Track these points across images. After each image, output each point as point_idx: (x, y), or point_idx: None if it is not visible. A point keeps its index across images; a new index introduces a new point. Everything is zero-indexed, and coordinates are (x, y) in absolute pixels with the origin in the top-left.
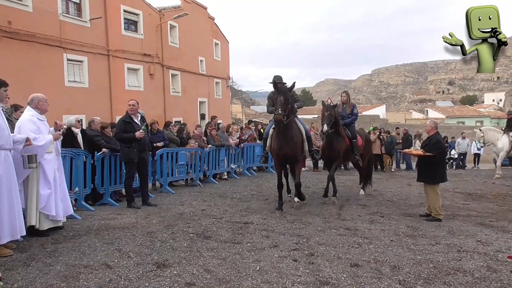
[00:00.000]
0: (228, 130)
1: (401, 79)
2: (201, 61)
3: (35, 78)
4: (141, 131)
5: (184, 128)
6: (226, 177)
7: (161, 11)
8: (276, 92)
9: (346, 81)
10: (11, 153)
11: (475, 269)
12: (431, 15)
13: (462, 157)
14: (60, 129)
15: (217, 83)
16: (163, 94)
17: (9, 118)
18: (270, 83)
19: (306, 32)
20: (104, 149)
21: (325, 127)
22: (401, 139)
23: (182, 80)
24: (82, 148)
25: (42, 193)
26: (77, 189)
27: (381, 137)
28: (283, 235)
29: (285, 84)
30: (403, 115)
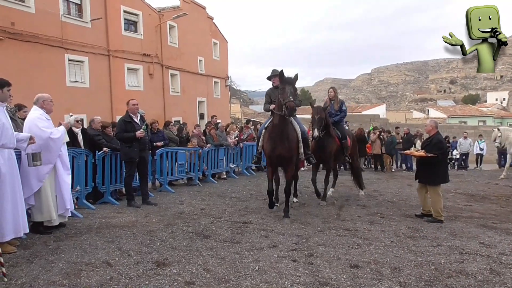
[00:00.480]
0: (227, 129)
1: (402, 78)
2: (200, 61)
3: (37, 78)
4: (142, 130)
5: (184, 128)
6: (225, 176)
7: (160, 11)
8: (282, 83)
9: (345, 80)
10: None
11: (478, 272)
12: (431, 14)
13: (464, 157)
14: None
15: (216, 82)
16: (163, 93)
17: (13, 117)
18: (269, 77)
19: (306, 32)
20: (105, 148)
21: (316, 132)
22: (401, 139)
23: (181, 80)
24: (82, 147)
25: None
26: (78, 187)
27: (381, 137)
28: (282, 235)
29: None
30: (403, 115)
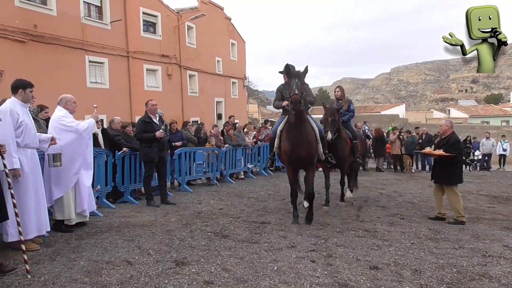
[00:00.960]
0: (245, 129)
1: (422, 77)
2: (217, 61)
3: (58, 80)
4: (161, 131)
5: (202, 128)
6: (242, 176)
7: (178, 13)
8: (289, 77)
9: (364, 80)
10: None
11: (502, 275)
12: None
13: (486, 158)
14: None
15: (233, 83)
16: (181, 94)
17: (36, 118)
18: (281, 71)
19: (323, 31)
20: (124, 149)
21: (330, 135)
22: (421, 139)
23: (199, 81)
24: (102, 147)
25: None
26: (99, 187)
27: (401, 137)
28: (300, 235)
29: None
30: (423, 115)
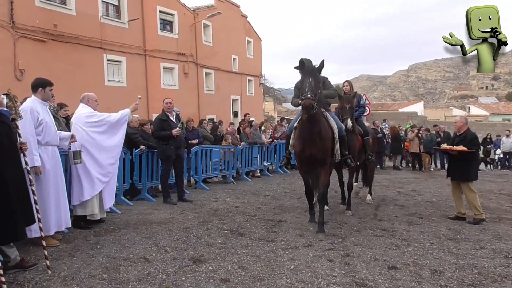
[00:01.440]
0: (261, 127)
1: (441, 74)
2: (234, 59)
3: (78, 78)
4: (178, 128)
5: (219, 126)
6: (259, 174)
7: (195, 11)
8: (302, 74)
9: (381, 77)
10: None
11: None
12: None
13: (507, 156)
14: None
15: (249, 80)
16: (197, 92)
17: (56, 116)
18: (295, 67)
19: (340, 28)
20: (142, 146)
21: (349, 123)
22: (440, 137)
23: (216, 78)
24: None
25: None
26: (117, 184)
27: (419, 135)
28: (317, 234)
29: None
30: (442, 112)
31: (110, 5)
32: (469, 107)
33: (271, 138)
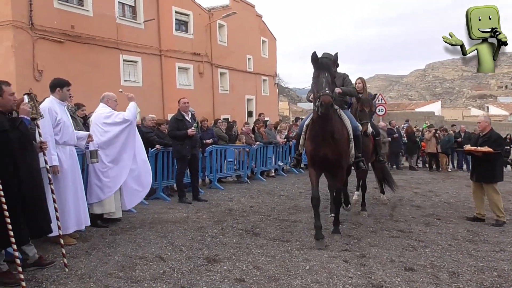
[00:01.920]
0: (277, 127)
1: (458, 73)
2: (248, 59)
3: (95, 79)
4: (193, 128)
5: (234, 125)
6: (273, 174)
7: (210, 11)
8: (316, 68)
9: (397, 76)
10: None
11: None
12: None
13: None
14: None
15: (264, 80)
16: (212, 92)
17: (73, 116)
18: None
19: (355, 27)
20: (157, 146)
21: (370, 128)
22: (460, 137)
23: (230, 78)
24: None
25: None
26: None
27: (436, 135)
28: (332, 234)
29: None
30: (460, 112)
31: (126, 6)
32: (487, 106)
33: (286, 138)
